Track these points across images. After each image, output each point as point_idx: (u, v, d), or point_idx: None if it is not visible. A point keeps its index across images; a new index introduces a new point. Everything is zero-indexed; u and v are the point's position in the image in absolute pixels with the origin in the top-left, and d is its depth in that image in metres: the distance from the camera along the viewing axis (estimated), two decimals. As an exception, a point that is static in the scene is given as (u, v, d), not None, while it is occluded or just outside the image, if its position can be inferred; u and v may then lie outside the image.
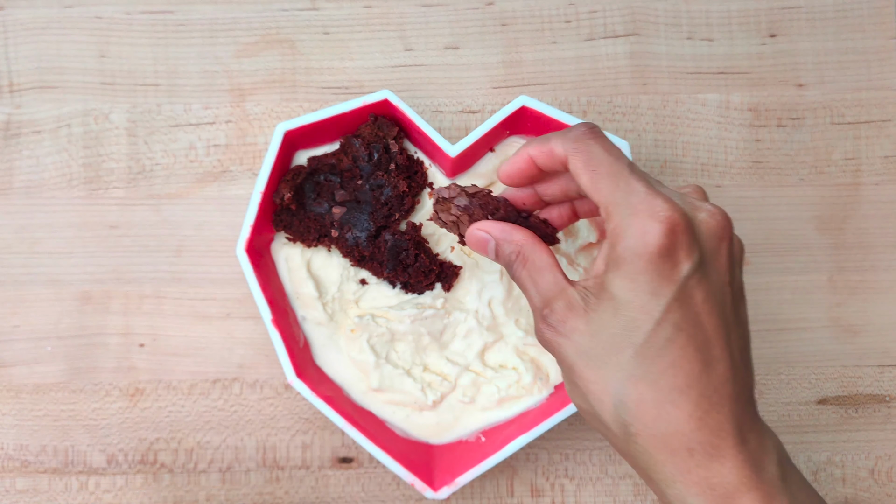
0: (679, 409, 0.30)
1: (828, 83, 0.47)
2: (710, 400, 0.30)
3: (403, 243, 0.42)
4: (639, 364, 0.30)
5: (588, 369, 0.31)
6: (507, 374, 0.44)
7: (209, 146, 0.47)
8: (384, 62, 0.47)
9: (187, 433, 0.46)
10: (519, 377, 0.43)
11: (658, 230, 0.29)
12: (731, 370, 0.30)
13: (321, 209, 0.43)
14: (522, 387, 0.43)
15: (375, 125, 0.43)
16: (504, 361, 0.44)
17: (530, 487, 0.46)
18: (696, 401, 0.30)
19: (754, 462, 0.30)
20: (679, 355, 0.30)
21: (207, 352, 0.46)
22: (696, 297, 0.30)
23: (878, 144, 0.47)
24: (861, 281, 0.47)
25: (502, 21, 0.47)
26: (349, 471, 0.46)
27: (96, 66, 0.47)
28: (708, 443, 0.30)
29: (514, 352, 0.44)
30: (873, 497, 0.46)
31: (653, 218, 0.30)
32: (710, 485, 0.30)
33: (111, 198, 0.46)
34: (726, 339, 0.30)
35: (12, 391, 0.46)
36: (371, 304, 0.44)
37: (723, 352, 0.30)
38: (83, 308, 0.46)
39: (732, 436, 0.30)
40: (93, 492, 0.46)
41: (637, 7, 0.47)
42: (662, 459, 0.30)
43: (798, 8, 0.48)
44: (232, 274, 0.46)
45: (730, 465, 0.30)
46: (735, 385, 0.30)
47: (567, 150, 0.32)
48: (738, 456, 0.30)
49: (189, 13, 0.47)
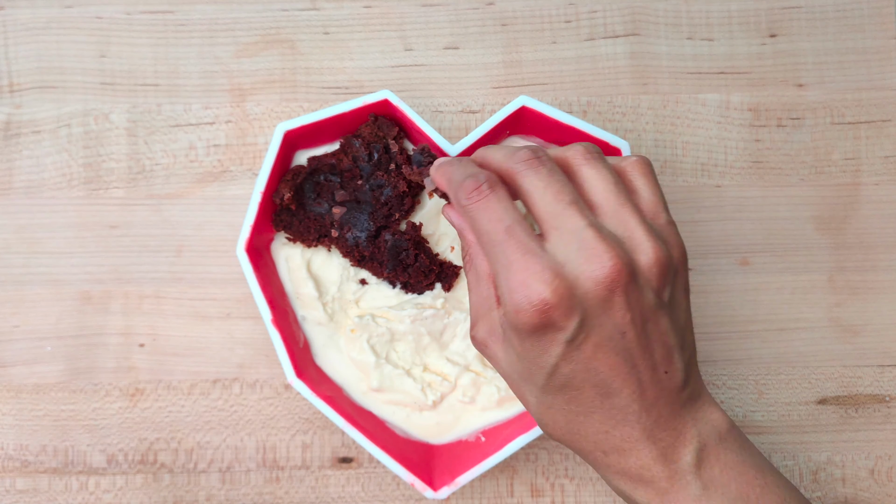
0: (586, 427, 0.33)
1: (828, 83, 0.47)
2: (615, 419, 0.33)
3: (403, 243, 0.42)
4: (545, 396, 0.33)
5: (512, 383, 0.35)
6: (507, 374, 0.44)
7: (209, 146, 0.47)
8: (384, 62, 0.47)
9: (187, 433, 0.46)
10: (519, 377, 0.43)
11: (527, 312, 0.31)
12: (638, 391, 0.32)
13: (321, 209, 0.43)
14: (522, 387, 0.43)
15: (375, 125, 0.43)
16: (504, 361, 0.44)
17: (530, 487, 0.46)
18: (600, 421, 0.33)
19: (663, 455, 0.33)
20: (576, 395, 0.33)
21: (207, 352, 0.46)
22: (585, 351, 0.32)
23: (878, 144, 0.47)
24: (861, 281, 0.47)
25: (502, 21, 0.47)
26: (349, 471, 0.46)
27: (96, 66, 0.47)
28: (617, 447, 0.33)
29: (514, 352, 0.44)
30: (873, 497, 0.46)
31: (524, 297, 0.31)
32: (623, 470, 0.34)
33: (111, 198, 0.46)
34: (628, 371, 0.32)
35: (12, 391, 0.46)
36: (371, 305, 0.44)
37: (624, 382, 0.32)
38: (83, 308, 0.46)
39: (641, 440, 0.33)
40: (93, 492, 0.46)
41: (637, 7, 0.47)
42: (584, 455, 0.35)
43: (798, 8, 0.48)
44: (232, 274, 0.46)
45: (637, 459, 0.33)
46: (643, 401, 0.32)
47: (459, 201, 0.34)
48: (645, 451, 0.33)
49: (189, 13, 0.47)
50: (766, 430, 0.46)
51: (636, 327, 0.32)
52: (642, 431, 0.33)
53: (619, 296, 0.31)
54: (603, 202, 0.33)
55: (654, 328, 0.32)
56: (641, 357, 0.32)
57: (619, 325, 0.31)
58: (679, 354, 0.33)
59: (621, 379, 0.32)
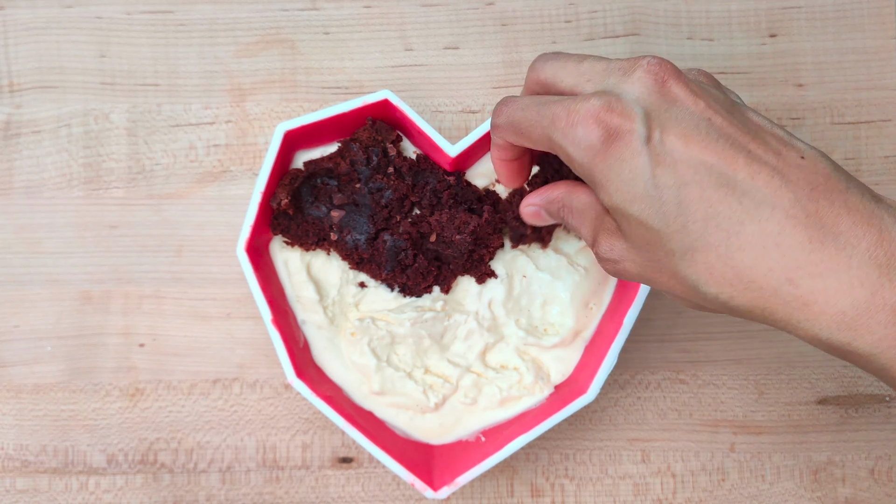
0: (752, 253, 0.26)
1: (828, 83, 0.47)
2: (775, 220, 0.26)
3: (402, 243, 0.42)
4: (681, 240, 0.27)
5: (655, 273, 0.29)
6: (508, 374, 0.44)
7: (209, 146, 0.47)
8: (384, 62, 0.47)
9: (187, 433, 0.46)
10: (520, 377, 0.43)
11: (585, 130, 0.28)
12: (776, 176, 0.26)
13: (319, 213, 0.43)
14: (524, 387, 0.43)
15: (373, 129, 0.43)
16: (505, 362, 0.44)
17: (530, 487, 0.46)
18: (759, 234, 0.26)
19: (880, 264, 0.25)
20: (707, 210, 0.27)
21: (207, 352, 0.46)
22: (674, 145, 0.27)
23: (878, 144, 0.47)
24: (861, 281, 0.47)
25: (502, 21, 0.47)
26: (349, 471, 0.46)
27: (96, 66, 0.47)
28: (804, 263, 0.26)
29: (515, 352, 0.44)
30: (873, 497, 0.46)
31: (577, 124, 0.28)
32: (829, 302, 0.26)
33: (111, 198, 0.46)
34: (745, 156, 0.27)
35: (12, 391, 0.46)
36: (371, 308, 0.44)
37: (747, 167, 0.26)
38: (83, 308, 0.46)
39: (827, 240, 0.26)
40: (93, 492, 0.46)
41: (637, 7, 0.47)
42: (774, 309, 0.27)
43: (798, 8, 0.48)
44: (232, 274, 0.46)
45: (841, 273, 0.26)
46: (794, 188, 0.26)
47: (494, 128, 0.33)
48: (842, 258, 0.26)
49: (189, 13, 0.47)
50: (766, 430, 0.46)
51: (720, 113, 0.27)
52: (819, 231, 0.26)
53: (678, 85, 0.28)
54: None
55: (742, 116, 0.28)
56: (751, 140, 0.27)
57: (697, 113, 0.27)
58: (799, 143, 0.28)
59: (742, 167, 0.26)
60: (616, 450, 0.46)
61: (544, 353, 0.44)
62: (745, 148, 0.27)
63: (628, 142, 0.27)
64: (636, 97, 0.28)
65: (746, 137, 0.27)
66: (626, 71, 0.29)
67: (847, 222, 0.26)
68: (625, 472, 0.46)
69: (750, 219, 0.26)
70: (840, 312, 0.26)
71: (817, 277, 0.26)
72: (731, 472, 0.46)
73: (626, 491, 0.46)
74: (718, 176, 0.27)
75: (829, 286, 0.25)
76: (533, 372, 0.43)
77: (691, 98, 0.28)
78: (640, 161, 0.27)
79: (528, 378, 0.43)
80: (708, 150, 0.27)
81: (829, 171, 0.27)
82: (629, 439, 0.46)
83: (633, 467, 0.46)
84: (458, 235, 0.42)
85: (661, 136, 0.27)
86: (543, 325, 0.44)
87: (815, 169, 0.27)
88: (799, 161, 0.27)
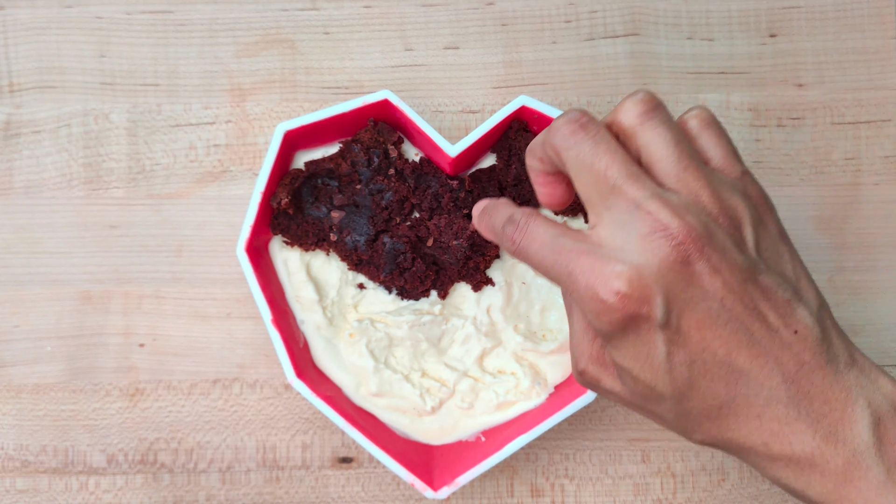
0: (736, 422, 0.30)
1: (828, 83, 0.47)
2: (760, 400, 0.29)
3: (401, 246, 0.42)
4: (680, 404, 0.30)
5: (641, 409, 0.32)
6: (505, 379, 0.44)
7: (209, 146, 0.47)
8: (384, 62, 0.47)
9: (187, 433, 0.46)
10: (517, 382, 0.43)
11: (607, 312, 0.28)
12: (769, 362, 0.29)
13: (319, 213, 0.43)
14: (521, 391, 0.43)
15: (375, 130, 0.43)
16: (503, 367, 0.44)
17: (530, 487, 0.46)
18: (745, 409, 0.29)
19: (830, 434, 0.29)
20: (707, 387, 0.29)
21: (207, 352, 0.46)
22: (689, 332, 0.28)
23: (878, 144, 0.47)
24: (861, 281, 0.47)
25: (502, 21, 0.47)
26: (349, 471, 0.46)
27: (96, 66, 0.47)
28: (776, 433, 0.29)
29: (512, 357, 0.44)
30: (873, 497, 0.46)
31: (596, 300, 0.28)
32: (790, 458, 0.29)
33: (111, 198, 0.46)
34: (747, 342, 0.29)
35: (12, 391, 0.46)
36: (369, 309, 0.44)
37: (748, 355, 0.29)
38: (83, 308, 0.46)
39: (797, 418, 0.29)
40: (93, 492, 0.46)
41: (637, 7, 0.47)
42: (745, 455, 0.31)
43: (798, 8, 0.48)
44: (232, 274, 0.46)
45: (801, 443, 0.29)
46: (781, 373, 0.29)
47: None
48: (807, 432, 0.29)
49: (189, 13, 0.47)
50: (766, 430, 0.46)
51: (733, 291, 0.28)
52: (794, 408, 0.29)
53: (699, 262, 0.28)
54: (664, 168, 0.29)
55: (755, 287, 0.28)
56: (754, 321, 0.28)
57: (712, 294, 0.28)
58: (801, 308, 0.29)
59: (744, 353, 0.28)
60: (616, 450, 0.46)
61: (542, 359, 0.44)
62: (748, 331, 0.28)
63: (647, 328, 0.29)
64: (656, 271, 0.28)
65: (752, 317, 0.28)
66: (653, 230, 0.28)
67: (819, 400, 0.29)
68: (625, 472, 0.46)
69: (741, 395, 0.29)
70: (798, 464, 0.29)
71: (787, 445, 0.29)
72: (731, 472, 0.46)
73: (626, 491, 0.46)
74: (722, 362, 0.29)
75: (795, 451, 0.29)
76: (530, 377, 0.43)
77: (709, 276, 0.28)
78: (656, 343, 0.29)
79: (525, 383, 0.43)
80: (718, 340, 0.28)
81: (816, 344, 0.29)
82: (629, 439, 0.46)
83: (633, 467, 0.46)
84: (455, 241, 0.42)
85: (678, 323, 0.28)
86: (542, 331, 0.44)
87: (804, 346, 0.29)
88: (792, 338, 0.29)
